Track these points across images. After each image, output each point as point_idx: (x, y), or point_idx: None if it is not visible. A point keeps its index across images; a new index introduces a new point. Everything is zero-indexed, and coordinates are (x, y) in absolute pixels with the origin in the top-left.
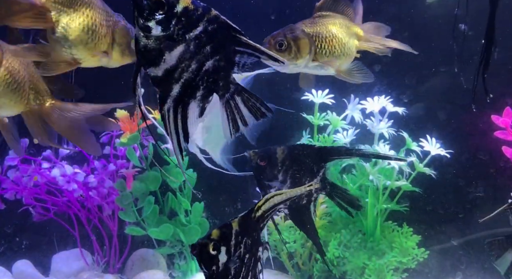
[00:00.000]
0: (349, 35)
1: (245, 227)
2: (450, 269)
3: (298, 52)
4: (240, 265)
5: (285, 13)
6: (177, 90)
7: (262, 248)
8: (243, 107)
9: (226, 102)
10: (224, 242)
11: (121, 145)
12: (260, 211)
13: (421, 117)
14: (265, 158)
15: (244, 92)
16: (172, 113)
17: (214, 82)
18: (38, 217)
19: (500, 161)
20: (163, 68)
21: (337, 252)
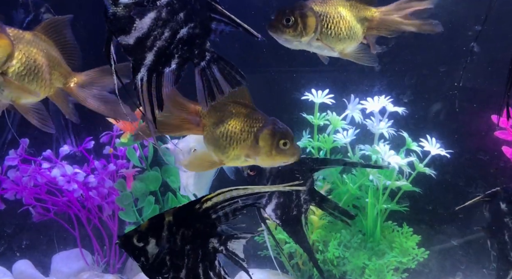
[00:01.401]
0: (358, 19)
1: (182, 218)
2: (450, 269)
3: (304, 29)
4: (180, 257)
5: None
6: (150, 59)
7: (218, 239)
8: (219, 76)
9: (201, 70)
10: (153, 233)
11: (121, 145)
12: (209, 203)
13: (421, 117)
14: (255, 168)
15: (221, 60)
16: (146, 82)
17: (189, 50)
18: (38, 217)
19: (500, 161)
20: (135, 36)
21: (337, 252)
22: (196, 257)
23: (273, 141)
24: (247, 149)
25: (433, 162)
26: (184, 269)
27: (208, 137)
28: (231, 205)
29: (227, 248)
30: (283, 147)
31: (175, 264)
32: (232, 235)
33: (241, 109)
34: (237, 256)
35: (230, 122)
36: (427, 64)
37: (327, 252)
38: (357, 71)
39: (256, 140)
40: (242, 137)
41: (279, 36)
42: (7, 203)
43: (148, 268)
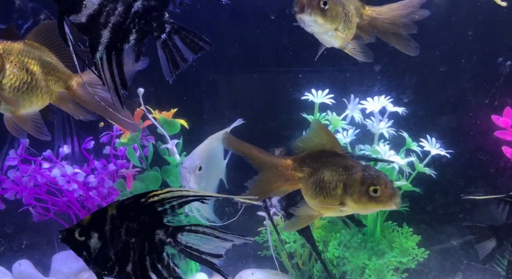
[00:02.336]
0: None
1: (126, 211)
2: (450, 269)
3: (334, 17)
4: (125, 250)
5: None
6: (107, 36)
7: (164, 231)
8: (181, 45)
9: (163, 43)
10: (96, 227)
11: (121, 145)
12: (156, 197)
13: (421, 117)
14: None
15: (182, 30)
16: (105, 61)
17: (147, 24)
18: (38, 217)
19: (500, 161)
20: (86, 14)
21: (337, 252)
22: (143, 250)
23: (362, 188)
24: (339, 198)
25: (433, 162)
26: (131, 263)
27: (303, 189)
28: (178, 200)
29: (176, 240)
30: (373, 194)
31: (120, 257)
32: (182, 227)
33: (331, 158)
34: (191, 249)
35: (320, 172)
36: (427, 64)
37: (327, 252)
38: (357, 71)
39: (345, 188)
40: (332, 186)
41: (311, 17)
42: (7, 203)
43: (92, 262)
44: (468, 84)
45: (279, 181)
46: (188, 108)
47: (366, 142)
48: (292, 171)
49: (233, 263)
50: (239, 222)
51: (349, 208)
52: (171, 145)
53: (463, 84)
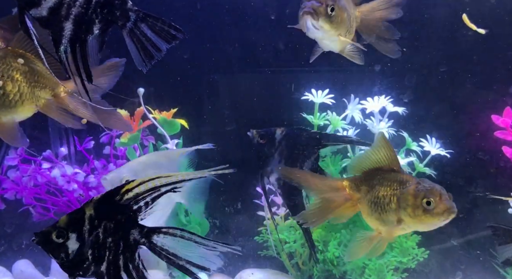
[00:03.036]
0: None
1: (103, 211)
2: (450, 269)
3: (340, 23)
4: (101, 250)
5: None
6: (70, 29)
7: (139, 232)
8: (150, 33)
9: (129, 32)
10: (74, 228)
11: (121, 145)
12: (130, 194)
13: (421, 117)
14: (265, 137)
15: (148, 18)
16: (70, 53)
17: (110, 13)
18: (38, 217)
19: (500, 161)
20: (46, 7)
21: (337, 252)
22: (117, 249)
23: (416, 202)
24: (394, 213)
25: (433, 162)
26: (105, 262)
27: (361, 209)
28: (152, 194)
29: (151, 242)
30: (427, 206)
31: (97, 257)
32: (158, 229)
33: (386, 174)
34: (168, 252)
35: (376, 188)
36: (427, 64)
37: (327, 252)
38: (357, 71)
39: (399, 202)
40: (386, 201)
41: (318, 23)
42: (7, 203)
43: (68, 264)
44: (468, 84)
45: (337, 203)
46: (188, 108)
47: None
48: (350, 192)
49: (233, 263)
50: (239, 222)
51: (406, 224)
52: (171, 145)
53: (463, 84)
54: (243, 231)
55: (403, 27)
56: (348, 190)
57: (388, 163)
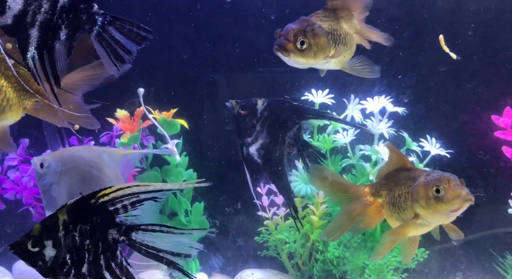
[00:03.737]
0: (352, 29)
1: (77, 215)
2: (450, 269)
3: (318, 51)
4: (80, 253)
5: (285, 13)
6: (36, 35)
7: (117, 230)
8: (119, 36)
9: (97, 35)
10: (49, 236)
11: (121, 145)
12: (106, 197)
13: (421, 117)
14: (246, 108)
15: (116, 20)
16: (38, 60)
17: (76, 18)
18: (38, 217)
19: (500, 161)
20: (11, 15)
21: (337, 252)
22: (97, 250)
23: (426, 193)
24: (410, 210)
25: (433, 162)
26: (86, 264)
27: (384, 213)
28: (130, 199)
29: (130, 239)
30: (437, 194)
31: (76, 260)
32: (137, 226)
33: (401, 174)
34: (148, 247)
35: (392, 190)
36: (427, 64)
37: (327, 252)
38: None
39: (413, 197)
40: (402, 200)
41: (290, 59)
42: (7, 203)
43: (48, 271)
44: (468, 84)
45: (359, 210)
46: (188, 108)
47: (366, 142)
48: (371, 198)
49: (233, 263)
50: (239, 222)
51: (423, 218)
52: (171, 145)
53: (463, 84)
54: (243, 231)
55: (403, 27)
56: (368, 196)
57: (401, 163)
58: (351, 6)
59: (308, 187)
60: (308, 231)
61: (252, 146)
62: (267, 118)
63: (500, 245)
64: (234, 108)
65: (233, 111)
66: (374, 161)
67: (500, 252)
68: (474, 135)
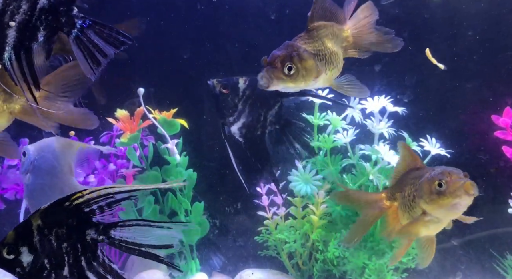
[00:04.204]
0: (339, 44)
1: (52, 219)
2: (450, 269)
3: (306, 74)
4: (59, 256)
5: (285, 13)
6: (13, 36)
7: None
8: (98, 40)
9: (76, 38)
10: (23, 242)
11: (121, 145)
12: (81, 199)
13: (421, 117)
14: (228, 87)
15: (95, 25)
16: (15, 61)
17: (55, 20)
18: None
19: (500, 161)
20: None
21: (337, 252)
22: (76, 252)
23: (429, 188)
24: (417, 207)
25: (433, 162)
26: (66, 267)
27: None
28: (105, 200)
29: (109, 237)
30: (439, 188)
31: (55, 264)
32: (114, 223)
33: (411, 174)
34: (128, 243)
35: (403, 191)
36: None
37: (327, 252)
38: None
39: (418, 194)
40: (410, 199)
41: (277, 86)
42: (7, 203)
43: (27, 276)
44: (468, 84)
45: (376, 215)
46: (188, 108)
47: (366, 142)
48: (387, 202)
49: (233, 263)
50: (239, 222)
51: (432, 216)
52: (171, 145)
53: (463, 84)
54: (243, 231)
55: (403, 27)
56: (385, 200)
57: (413, 163)
58: (336, 20)
59: (308, 187)
60: (308, 231)
61: (234, 125)
62: (249, 97)
63: (500, 245)
64: (215, 87)
65: (214, 90)
66: (374, 161)
67: (500, 252)
68: (474, 135)
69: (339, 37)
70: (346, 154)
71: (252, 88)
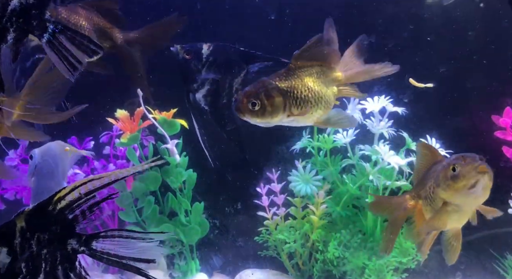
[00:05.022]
0: (327, 84)
1: (36, 222)
2: (450, 269)
3: (272, 111)
4: (36, 262)
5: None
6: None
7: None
8: (70, 46)
9: (48, 42)
10: (4, 242)
11: (121, 145)
12: (63, 203)
13: (421, 117)
14: (191, 52)
15: (67, 30)
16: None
17: (26, 23)
18: None
19: (500, 161)
20: None
21: (337, 252)
22: (54, 260)
23: (445, 174)
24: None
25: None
26: (42, 274)
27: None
28: (87, 201)
29: (91, 248)
30: (454, 173)
31: (31, 270)
32: (96, 234)
33: (431, 169)
34: (109, 255)
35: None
36: (427, 64)
37: (327, 252)
38: None
39: (436, 184)
40: (430, 191)
41: (247, 120)
42: (7, 203)
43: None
44: (468, 84)
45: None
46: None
47: (366, 142)
48: (412, 202)
49: (233, 263)
50: (239, 222)
51: (451, 204)
52: (171, 145)
53: (463, 84)
54: (243, 231)
55: (403, 27)
56: (409, 201)
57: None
58: (327, 61)
59: (308, 187)
60: (308, 231)
61: (198, 92)
62: (213, 63)
63: (500, 245)
64: (179, 52)
65: (178, 56)
66: (374, 161)
67: (500, 252)
68: (474, 135)
69: (328, 77)
70: (346, 154)
71: (216, 54)
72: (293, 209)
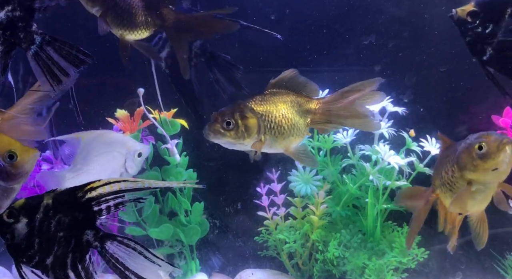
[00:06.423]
0: (300, 114)
1: (62, 204)
2: (450, 269)
3: (246, 131)
4: (50, 243)
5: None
6: None
7: (93, 234)
8: (57, 57)
9: (34, 54)
10: (26, 213)
11: None
12: (94, 193)
13: (421, 117)
14: None
15: (55, 41)
16: None
17: (12, 35)
18: None
19: None
20: None
21: (337, 252)
22: (67, 246)
23: (470, 155)
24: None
25: (433, 162)
26: (52, 256)
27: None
28: (115, 199)
29: (103, 247)
30: (480, 151)
31: (43, 249)
32: (114, 236)
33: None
34: (117, 261)
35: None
36: (427, 64)
37: (327, 252)
38: (357, 71)
39: (460, 166)
40: (450, 174)
41: (219, 140)
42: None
43: (12, 247)
44: (469, 84)
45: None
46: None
47: (366, 142)
48: (432, 193)
49: (233, 263)
50: (239, 222)
51: (479, 184)
52: (171, 145)
53: (464, 84)
54: (243, 231)
55: (403, 27)
56: (431, 192)
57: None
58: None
59: (308, 187)
60: (308, 231)
61: (161, 53)
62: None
63: (500, 245)
64: None
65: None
66: (374, 161)
67: (500, 252)
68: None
69: (303, 107)
70: (346, 154)
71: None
72: (293, 209)
